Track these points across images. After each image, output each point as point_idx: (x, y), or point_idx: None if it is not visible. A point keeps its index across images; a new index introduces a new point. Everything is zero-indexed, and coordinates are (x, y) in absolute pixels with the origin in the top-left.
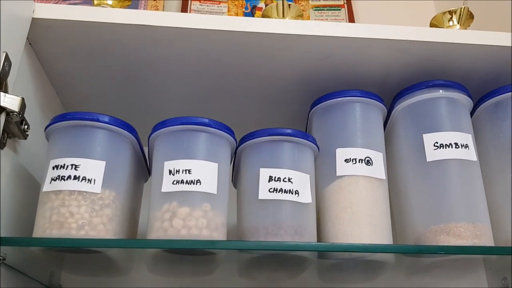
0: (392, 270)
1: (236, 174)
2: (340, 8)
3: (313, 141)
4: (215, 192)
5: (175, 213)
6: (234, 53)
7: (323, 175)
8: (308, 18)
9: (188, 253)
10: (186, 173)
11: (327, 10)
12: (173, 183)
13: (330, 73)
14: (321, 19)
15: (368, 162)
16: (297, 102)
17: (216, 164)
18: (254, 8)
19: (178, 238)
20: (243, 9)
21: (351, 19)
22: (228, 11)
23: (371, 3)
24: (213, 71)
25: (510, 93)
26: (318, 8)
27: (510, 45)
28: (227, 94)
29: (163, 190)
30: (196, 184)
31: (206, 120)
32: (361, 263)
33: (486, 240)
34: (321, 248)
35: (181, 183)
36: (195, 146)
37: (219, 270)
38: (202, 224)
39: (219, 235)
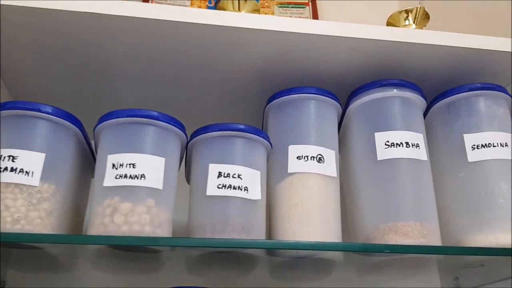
0: (344, 269)
1: (188, 170)
2: (304, 6)
3: (266, 137)
4: (161, 188)
5: (117, 209)
6: (190, 46)
7: (276, 172)
8: (273, 15)
9: (131, 250)
10: (130, 167)
11: (291, 7)
12: (115, 177)
13: (288, 69)
14: (285, 16)
15: (320, 159)
16: (256, 97)
17: (163, 159)
18: (218, 2)
19: (119, 235)
20: (207, 3)
21: (315, 17)
22: (191, 4)
23: (336, 2)
24: (169, 64)
25: (462, 94)
26: (283, 5)
27: (466, 46)
28: (184, 88)
29: (105, 184)
30: (140, 178)
31: (155, 113)
32: (312, 261)
33: (433, 239)
34: (265, 246)
35: (124, 177)
36: (142, 139)
37: (167, 268)
38: (145, 220)
39: (163, 232)
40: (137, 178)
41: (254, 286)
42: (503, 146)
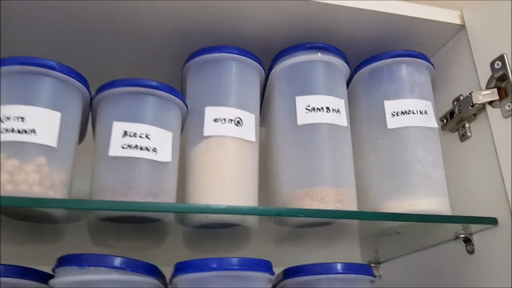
0: (261, 238)
1: (94, 129)
2: None
3: (180, 97)
4: (54, 145)
5: (1, 166)
6: None
7: (192, 135)
8: None
9: (17, 215)
10: (18, 120)
11: None
12: (1, 131)
13: (208, 28)
14: None
15: (238, 123)
16: (175, 59)
17: (59, 114)
18: None
19: (2, 194)
20: None
21: None
22: None
23: None
24: (76, 13)
25: (385, 61)
26: None
27: (389, 11)
28: (93, 43)
29: None
30: (30, 133)
31: (50, 63)
32: (227, 230)
33: (349, 205)
34: (170, 209)
35: (11, 131)
36: (34, 91)
37: (69, 238)
38: (34, 179)
39: (56, 193)
40: (26, 133)
41: (169, 258)
42: (422, 114)
